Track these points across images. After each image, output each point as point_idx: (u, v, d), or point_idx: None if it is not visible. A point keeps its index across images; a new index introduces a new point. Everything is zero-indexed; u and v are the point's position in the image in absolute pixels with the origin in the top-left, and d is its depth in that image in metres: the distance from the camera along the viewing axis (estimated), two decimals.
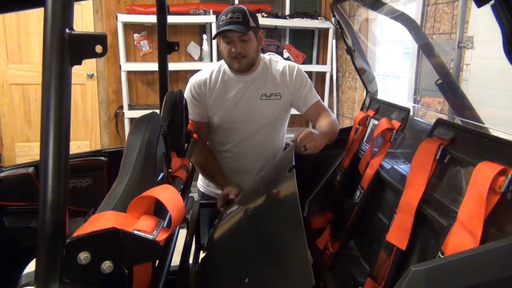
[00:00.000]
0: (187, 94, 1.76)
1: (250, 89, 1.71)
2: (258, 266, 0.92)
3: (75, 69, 0.63)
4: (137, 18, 3.70)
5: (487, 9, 0.81)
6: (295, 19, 4.02)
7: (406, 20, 1.60)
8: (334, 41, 4.10)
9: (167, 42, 1.75)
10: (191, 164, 1.53)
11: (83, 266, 0.62)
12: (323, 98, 4.06)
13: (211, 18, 3.73)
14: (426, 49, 1.78)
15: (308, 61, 4.25)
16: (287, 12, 4.10)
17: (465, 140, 1.04)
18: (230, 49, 1.60)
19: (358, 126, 1.69)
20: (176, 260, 1.11)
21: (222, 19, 1.58)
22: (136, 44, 3.92)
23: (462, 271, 0.68)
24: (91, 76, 3.91)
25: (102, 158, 1.68)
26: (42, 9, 0.60)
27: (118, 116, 3.98)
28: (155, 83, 4.00)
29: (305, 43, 4.32)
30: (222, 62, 1.73)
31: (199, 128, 1.74)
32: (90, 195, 1.60)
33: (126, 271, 0.67)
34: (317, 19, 4.06)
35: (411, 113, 1.42)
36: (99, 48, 0.61)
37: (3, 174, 1.54)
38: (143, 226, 0.68)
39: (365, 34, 3.53)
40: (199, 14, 3.75)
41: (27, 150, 3.87)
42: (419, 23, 2.70)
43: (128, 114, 3.78)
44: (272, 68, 1.75)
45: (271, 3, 4.19)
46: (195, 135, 1.65)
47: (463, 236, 0.84)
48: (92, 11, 3.79)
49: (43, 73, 0.59)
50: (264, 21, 3.77)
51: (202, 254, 1.40)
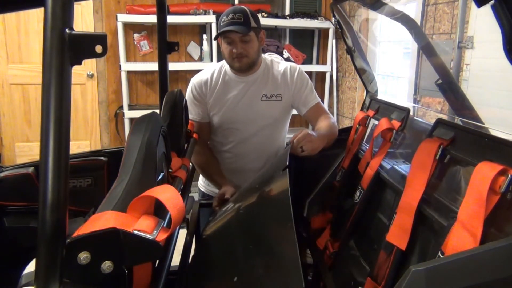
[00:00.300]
0: (188, 94, 1.76)
1: (251, 89, 1.71)
2: (247, 265, 0.92)
3: (75, 69, 0.63)
4: (137, 18, 3.70)
5: (487, 9, 0.81)
6: (295, 19, 4.02)
7: (406, 20, 1.59)
8: (334, 41, 4.10)
9: (167, 42, 1.75)
10: (191, 164, 1.53)
11: (83, 266, 0.62)
12: (323, 98, 4.07)
13: (211, 18, 3.73)
14: (426, 49, 1.78)
15: (308, 61, 4.24)
16: (287, 12, 4.10)
17: (465, 140, 1.04)
18: (231, 49, 1.60)
19: (358, 126, 1.69)
20: (176, 260, 1.10)
21: (223, 19, 1.58)
22: (136, 44, 3.92)
23: (462, 271, 0.68)
24: (91, 76, 3.91)
25: (102, 158, 1.68)
26: (42, 9, 0.60)
27: (118, 116, 3.98)
28: (155, 83, 3.99)
29: (305, 43, 4.32)
30: (224, 62, 1.73)
31: (200, 128, 1.74)
32: (90, 195, 1.60)
33: (126, 271, 0.67)
34: (317, 19, 4.06)
35: (411, 113, 1.42)
36: (99, 48, 0.61)
37: (3, 174, 1.54)
38: (143, 226, 0.68)
39: (365, 34, 3.53)
40: (199, 14, 3.75)
41: (27, 150, 3.87)
42: (419, 23, 2.70)
43: (128, 114, 3.78)
44: (274, 69, 1.75)
45: (271, 3, 4.19)
46: (195, 135, 1.65)
47: (463, 236, 0.84)
48: (92, 11, 3.79)
49: (43, 73, 0.59)
50: (264, 21, 3.77)
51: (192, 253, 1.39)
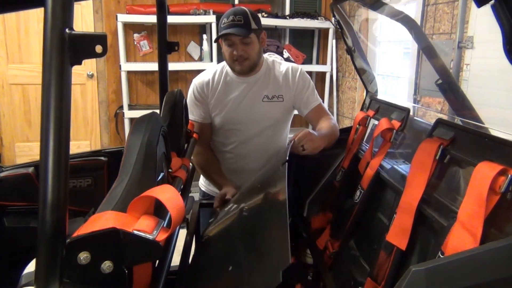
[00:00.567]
0: (190, 95, 1.76)
1: (252, 90, 1.71)
2: (242, 253, 0.92)
3: (75, 69, 0.63)
4: (137, 18, 3.70)
5: (487, 9, 0.81)
6: (295, 19, 4.02)
7: (406, 20, 1.59)
8: (334, 41, 4.10)
9: (167, 42, 1.75)
10: (191, 164, 1.53)
11: (83, 266, 0.62)
12: (323, 98, 4.06)
13: (211, 18, 3.73)
14: (426, 49, 1.78)
15: (308, 61, 4.24)
16: (287, 12, 4.10)
17: (465, 140, 1.04)
18: (232, 51, 1.60)
19: (358, 126, 1.69)
20: (176, 260, 1.11)
21: (223, 21, 1.58)
22: (136, 44, 3.92)
23: (462, 271, 0.68)
24: (91, 76, 3.91)
25: (102, 158, 1.68)
26: (42, 9, 0.60)
27: (118, 116, 3.98)
28: (155, 83, 3.99)
29: (305, 43, 4.32)
30: (225, 63, 1.73)
31: (201, 129, 1.73)
32: (90, 195, 1.60)
33: (126, 271, 0.67)
34: (317, 19, 4.06)
35: (411, 113, 1.42)
36: (99, 48, 0.61)
37: (3, 174, 1.54)
38: (143, 226, 0.68)
39: (365, 34, 3.53)
40: (199, 14, 3.75)
41: (27, 150, 3.87)
42: (419, 23, 2.70)
43: (128, 114, 3.78)
44: (275, 70, 1.75)
45: (271, 3, 4.19)
46: (195, 135, 1.65)
47: (463, 236, 0.84)
48: (92, 11, 3.79)
49: (43, 73, 0.59)
50: (264, 21, 3.75)
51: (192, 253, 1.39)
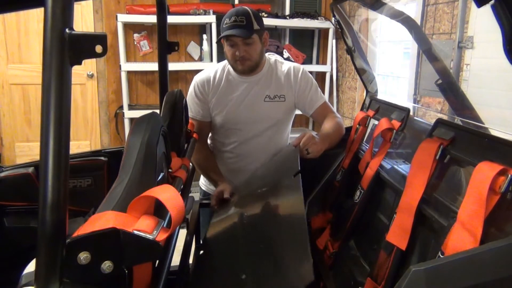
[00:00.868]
0: (190, 92, 1.75)
1: (254, 90, 1.71)
2: (257, 262, 0.92)
3: (75, 69, 0.63)
4: (137, 18, 3.70)
5: (487, 9, 0.81)
6: (295, 19, 4.02)
7: (406, 21, 1.59)
8: (334, 41, 4.09)
9: (167, 42, 1.75)
10: (191, 164, 1.53)
11: (83, 266, 0.62)
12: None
13: (211, 18, 3.73)
14: (426, 49, 1.78)
15: (308, 61, 4.24)
16: (287, 12, 4.10)
17: (465, 140, 1.04)
18: (234, 52, 1.60)
19: (358, 126, 1.69)
20: (176, 260, 1.10)
21: (225, 21, 1.57)
22: (136, 44, 3.92)
23: (462, 271, 0.68)
24: (91, 76, 3.91)
25: (102, 158, 1.68)
26: (42, 9, 0.60)
27: (118, 116, 3.98)
28: (155, 83, 3.99)
29: (305, 43, 4.32)
30: (227, 62, 1.73)
31: (200, 127, 1.73)
32: (90, 195, 1.60)
33: (126, 271, 0.67)
34: (317, 19, 4.06)
35: (411, 113, 1.42)
36: (99, 48, 0.61)
37: (3, 174, 1.54)
38: (143, 226, 0.68)
39: (365, 34, 3.53)
40: (199, 14, 3.75)
41: (27, 150, 3.87)
42: (419, 23, 2.70)
43: (128, 114, 3.78)
44: (277, 70, 1.74)
45: (271, 3, 4.18)
46: (195, 135, 1.65)
47: (463, 236, 0.84)
48: (92, 11, 3.79)
49: (43, 73, 0.59)
50: (264, 21, 3.75)
51: (198, 252, 1.39)
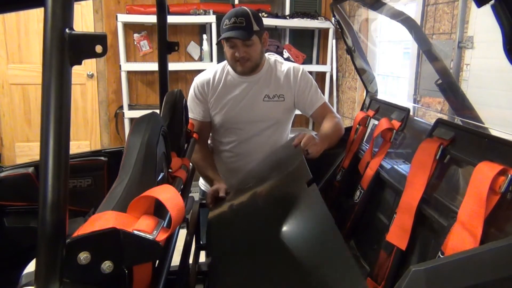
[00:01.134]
0: (190, 93, 1.76)
1: (253, 89, 1.71)
2: (288, 274, 0.89)
3: (75, 69, 0.63)
4: (137, 18, 3.70)
5: (487, 9, 0.81)
6: (295, 19, 4.02)
7: (406, 21, 1.60)
8: (334, 41, 4.09)
9: (167, 42, 1.75)
10: (191, 164, 1.53)
11: (83, 266, 0.62)
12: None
13: (211, 18, 3.73)
14: (426, 49, 1.78)
15: (308, 61, 4.24)
16: (287, 12, 4.10)
17: (465, 140, 1.04)
18: (233, 53, 1.61)
19: (358, 126, 1.70)
20: (176, 260, 1.10)
21: (225, 23, 1.57)
22: (136, 44, 3.92)
23: (462, 271, 0.68)
24: (91, 76, 3.91)
25: (102, 158, 1.68)
26: (42, 9, 0.60)
27: (118, 116, 3.98)
28: (155, 83, 3.99)
29: (305, 43, 4.32)
30: (226, 62, 1.73)
31: (200, 127, 1.74)
32: (90, 195, 1.60)
33: (126, 271, 0.67)
34: (317, 19, 4.06)
35: (411, 113, 1.42)
36: (99, 48, 0.61)
37: (3, 174, 1.54)
38: (143, 226, 0.68)
39: (365, 34, 3.53)
40: (199, 14, 3.75)
41: (27, 150, 3.86)
42: (419, 23, 2.70)
43: (128, 114, 3.78)
44: (277, 70, 1.75)
45: (271, 3, 4.18)
46: (195, 135, 1.65)
47: (463, 236, 0.84)
48: (92, 11, 3.79)
49: (43, 73, 0.59)
50: (264, 21, 3.74)
51: (204, 256, 1.35)
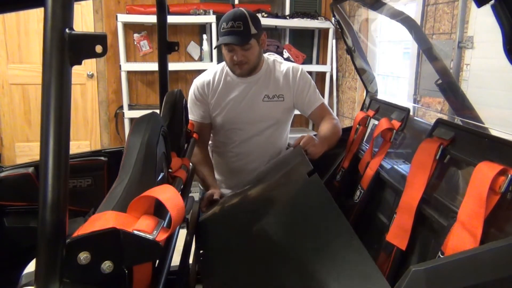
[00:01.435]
0: (190, 95, 1.76)
1: (252, 90, 1.71)
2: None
3: (75, 69, 0.63)
4: (137, 18, 3.70)
5: (487, 9, 0.81)
6: (295, 19, 4.02)
7: (406, 21, 1.60)
8: (334, 41, 4.09)
9: (167, 42, 1.75)
10: (191, 164, 1.53)
11: (83, 266, 0.62)
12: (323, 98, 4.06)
13: (211, 18, 3.73)
14: (426, 49, 1.79)
15: (308, 61, 4.24)
16: (287, 12, 4.10)
17: (465, 140, 1.04)
18: (231, 56, 1.61)
19: (358, 126, 1.70)
20: (176, 260, 1.10)
21: (223, 26, 1.57)
22: (136, 44, 3.92)
23: (462, 271, 0.68)
24: (91, 76, 3.91)
25: (102, 158, 1.68)
26: (42, 9, 0.60)
27: (118, 116, 3.98)
28: (155, 83, 3.99)
29: (305, 43, 4.32)
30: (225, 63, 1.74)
31: (201, 129, 1.74)
32: (90, 195, 1.60)
33: (126, 271, 0.67)
34: (317, 19, 4.06)
35: (411, 113, 1.42)
36: (99, 48, 0.61)
37: (3, 174, 1.54)
38: (143, 226, 0.68)
39: (365, 34, 3.53)
40: (199, 14, 3.75)
41: (27, 150, 3.86)
42: (419, 23, 2.70)
43: (128, 114, 3.78)
44: (276, 70, 1.75)
45: (271, 3, 4.18)
46: (195, 135, 1.65)
47: (463, 236, 0.84)
48: (92, 11, 3.78)
49: (43, 73, 0.59)
50: (264, 21, 3.75)
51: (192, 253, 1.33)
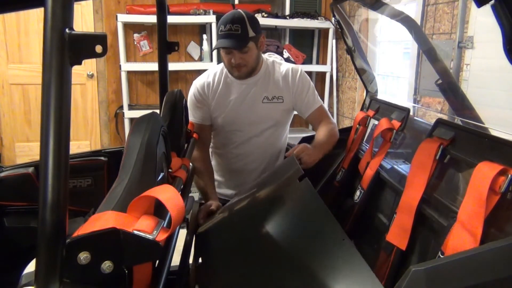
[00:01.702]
0: (190, 97, 1.75)
1: (252, 91, 1.71)
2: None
3: (75, 69, 0.63)
4: (137, 18, 3.70)
5: (487, 9, 0.81)
6: (295, 19, 4.02)
7: (406, 21, 1.60)
8: (334, 41, 4.09)
9: (167, 42, 1.75)
10: (191, 164, 1.53)
11: (83, 266, 0.62)
12: (323, 98, 4.06)
13: (211, 18, 3.73)
14: (426, 49, 1.79)
15: (308, 61, 4.24)
16: (287, 12, 4.10)
17: (465, 140, 1.04)
18: (230, 59, 1.60)
19: (358, 126, 1.70)
20: (176, 260, 1.10)
21: (221, 28, 1.56)
22: (136, 44, 3.92)
23: (462, 271, 0.68)
24: (91, 76, 3.91)
25: (102, 158, 1.68)
26: (42, 9, 0.60)
27: (118, 116, 3.98)
28: (155, 83, 3.99)
29: (305, 43, 4.32)
30: None
31: (201, 131, 1.73)
32: (90, 195, 1.60)
33: (126, 271, 0.67)
34: (317, 19, 4.06)
35: (411, 113, 1.42)
36: (99, 48, 0.61)
37: (3, 174, 1.54)
38: (143, 226, 0.68)
39: (365, 34, 3.53)
40: (199, 14, 3.75)
41: (27, 150, 3.86)
42: (419, 23, 2.70)
43: (128, 114, 3.78)
44: (275, 71, 1.74)
45: (271, 3, 4.19)
46: (195, 135, 1.65)
47: (463, 236, 0.84)
48: (92, 11, 3.78)
49: (43, 73, 0.59)
50: (264, 21, 3.77)
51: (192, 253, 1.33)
